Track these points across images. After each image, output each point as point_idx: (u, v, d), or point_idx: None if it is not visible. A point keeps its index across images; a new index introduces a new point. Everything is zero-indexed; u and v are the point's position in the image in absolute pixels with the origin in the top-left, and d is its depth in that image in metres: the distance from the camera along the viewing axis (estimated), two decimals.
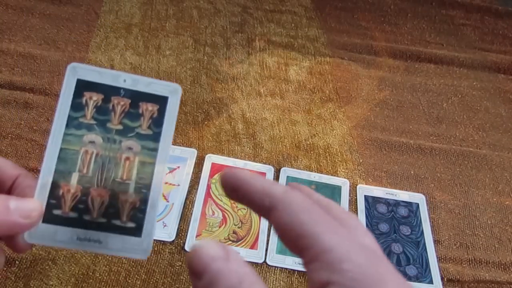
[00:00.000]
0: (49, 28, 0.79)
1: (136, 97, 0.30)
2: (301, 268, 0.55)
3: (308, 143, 0.70)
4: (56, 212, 0.28)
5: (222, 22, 0.89)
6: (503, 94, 0.85)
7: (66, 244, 0.27)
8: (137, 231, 0.28)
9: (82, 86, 0.29)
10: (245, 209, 0.60)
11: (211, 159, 0.64)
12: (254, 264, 0.55)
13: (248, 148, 0.67)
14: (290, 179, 0.64)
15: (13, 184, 0.29)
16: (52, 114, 0.66)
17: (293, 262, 0.56)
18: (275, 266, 0.55)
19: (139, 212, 0.28)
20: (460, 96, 0.83)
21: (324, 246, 0.20)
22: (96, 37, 0.79)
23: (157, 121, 0.30)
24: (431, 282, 0.57)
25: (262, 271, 0.55)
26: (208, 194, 0.60)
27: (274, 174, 0.64)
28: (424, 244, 0.60)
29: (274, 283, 0.54)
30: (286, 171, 0.64)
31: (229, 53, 0.82)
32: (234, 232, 0.57)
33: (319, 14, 0.96)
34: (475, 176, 0.70)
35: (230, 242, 0.56)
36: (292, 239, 0.21)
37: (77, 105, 0.29)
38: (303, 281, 0.55)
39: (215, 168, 0.63)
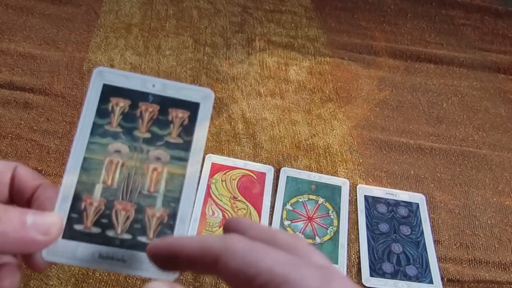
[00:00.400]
0: (49, 28, 0.79)
1: (166, 103, 0.28)
2: None
3: (308, 143, 0.70)
4: (77, 227, 0.26)
5: (222, 22, 0.89)
6: (503, 94, 0.85)
7: (87, 263, 0.25)
8: None
9: (109, 92, 0.27)
10: (245, 209, 0.60)
11: (211, 159, 0.64)
12: None
13: (248, 148, 0.67)
14: (290, 179, 0.64)
15: (33, 195, 0.27)
16: (52, 114, 0.66)
17: None
18: None
19: (167, 228, 0.26)
20: (460, 96, 0.83)
21: (279, 278, 0.19)
22: (96, 37, 0.79)
23: (188, 129, 0.28)
24: (431, 282, 0.57)
25: None
26: (208, 194, 0.60)
27: (274, 174, 0.64)
28: (424, 244, 0.60)
29: None
30: (286, 171, 0.64)
31: (229, 53, 0.82)
32: None
33: (319, 14, 0.95)
34: (475, 176, 0.70)
35: None
36: (246, 284, 0.20)
37: (102, 112, 0.27)
38: None
39: (215, 168, 0.63)
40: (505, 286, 0.58)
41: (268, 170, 0.64)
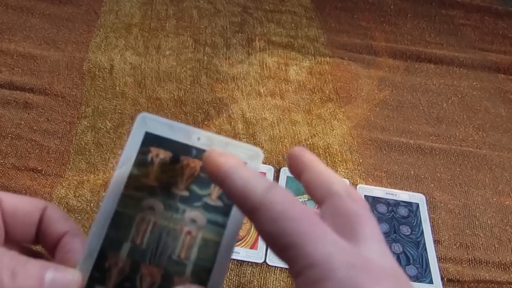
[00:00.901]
0: (49, 28, 0.79)
1: None
2: None
3: (308, 143, 0.70)
4: None
5: (222, 22, 0.89)
6: (503, 94, 0.85)
7: None
8: None
9: (150, 141, 0.25)
10: None
11: None
12: (254, 264, 0.55)
13: None
14: (290, 179, 0.64)
15: (59, 241, 0.25)
16: (52, 114, 0.66)
17: None
18: (275, 266, 0.55)
19: None
20: (460, 96, 0.83)
21: (308, 260, 0.18)
22: (96, 37, 0.79)
23: None
24: (431, 282, 0.57)
25: (262, 271, 0.55)
26: None
27: (274, 174, 0.64)
28: (424, 244, 0.60)
29: (274, 283, 0.54)
30: (286, 171, 0.64)
31: (229, 53, 0.82)
32: None
33: (319, 14, 0.95)
34: (475, 176, 0.70)
35: None
36: (276, 248, 0.20)
37: (141, 162, 0.25)
38: None
39: None
40: (505, 286, 0.58)
41: (268, 170, 0.64)
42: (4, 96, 0.66)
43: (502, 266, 0.60)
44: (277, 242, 0.19)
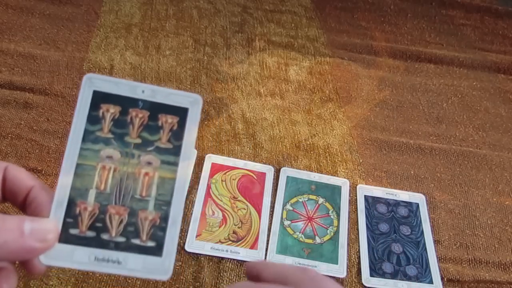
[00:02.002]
0: (49, 28, 0.79)
1: (155, 108, 0.28)
2: None
3: (308, 143, 0.70)
4: (73, 231, 0.26)
5: (222, 22, 0.89)
6: (503, 94, 0.85)
7: (84, 265, 0.26)
8: (157, 251, 0.27)
9: (99, 98, 0.28)
10: (245, 209, 0.60)
11: (211, 159, 0.64)
12: None
13: (248, 148, 0.67)
14: (290, 179, 0.64)
15: (27, 196, 0.27)
16: (52, 114, 0.66)
17: (293, 262, 0.56)
18: None
19: (159, 230, 0.27)
20: (460, 96, 0.83)
21: None
22: (96, 37, 0.79)
23: (177, 134, 0.28)
24: (431, 282, 0.57)
25: None
26: (208, 194, 0.60)
27: (274, 174, 0.64)
28: (424, 244, 0.60)
29: None
30: (286, 171, 0.64)
31: (229, 53, 0.82)
32: (234, 232, 0.57)
33: (319, 14, 0.95)
34: (475, 176, 0.70)
35: (230, 242, 0.56)
36: None
37: (93, 118, 0.28)
38: None
39: (215, 168, 0.63)
40: (505, 286, 0.58)
41: (268, 170, 0.64)
42: (4, 96, 0.66)
43: (502, 266, 0.60)
44: None
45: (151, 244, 0.27)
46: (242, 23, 0.89)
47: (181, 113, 0.29)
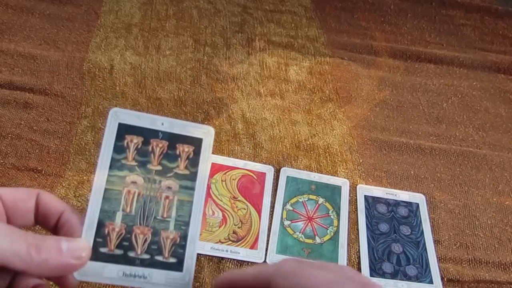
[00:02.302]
0: (49, 28, 0.79)
1: (173, 139, 0.32)
2: None
3: (308, 143, 0.70)
4: (103, 250, 0.29)
5: (222, 22, 0.89)
6: (503, 94, 0.85)
7: (113, 281, 0.29)
8: (179, 266, 0.30)
9: (124, 130, 0.31)
10: (245, 209, 0.60)
11: (211, 159, 0.64)
12: (254, 264, 0.55)
13: (248, 148, 0.67)
14: (290, 179, 0.64)
15: (59, 220, 0.30)
16: (52, 114, 0.66)
17: None
18: None
19: (179, 248, 0.30)
20: (460, 96, 0.83)
21: None
22: (96, 37, 0.79)
23: (193, 161, 0.32)
24: (431, 282, 0.57)
25: None
26: (208, 194, 0.60)
27: (274, 174, 0.64)
28: (424, 244, 0.60)
29: None
30: (286, 171, 0.64)
31: (229, 53, 0.82)
32: (234, 232, 0.57)
33: (319, 14, 0.95)
34: (475, 176, 0.70)
35: (230, 242, 0.56)
36: None
37: (119, 148, 0.31)
38: None
39: (215, 168, 0.63)
40: (505, 286, 0.58)
41: (268, 170, 0.64)
42: (4, 96, 0.66)
43: (502, 266, 0.60)
44: None
45: (172, 260, 0.30)
46: (242, 23, 0.89)
47: (196, 142, 0.32)
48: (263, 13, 0.93)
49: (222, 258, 0.55)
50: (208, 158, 0.32)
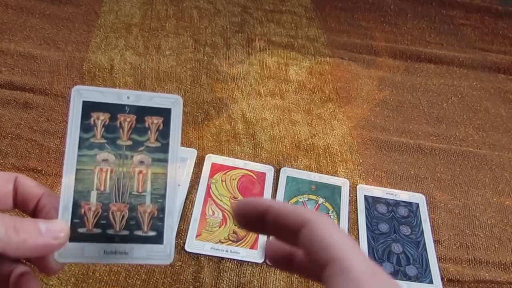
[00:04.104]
0: (49, 28, 0.79)
1: (141, 112, 0.31)
2: None
3: (308, 143, 0.70)
4: (81, 230, 0.29)
5: (222, 22, 0.89)
6: (503, 94, 0.85)
7: (94, 259, 0.29)
8: (158, 239, 0.30)
9: (89, 107, 0.30)
10: None
11: (211, 159, 0.64)
12: (254, 264, 0.55)
13: (248, 148, 0.67)
14: (290, 179, 0.64)
15: (37, 204, 0.30)
16: (52, 114, 0.66)
17: None
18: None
19: (158, 221, 0.30)
20: (460, 96, 0.83)
21: (351, 264, 0.21)
22: (96, 37, 0.79)
23: (164, 133, 0.31)
24: (431, 282, 0.57)
25: (262, 271, 0.55)
26: (208, 194, 0.60)
27: (274, 174, 0.64)
28: (424, 244, 0.60)
29: (274, 283, 0.54)
30: (286, 171, 0.64)
31: (229, 53, 0.82)
32: (234, 232, 0.57)
33: (319, 14, 0.95)
34: (475, 176, 0.70)
35: (230, 242, 0.56)
36: (320, 250, 0.22)
37: (86, 126, 0.30)
38: (303, 281, 0.55)
39: (215, 168, 0.63)
40: (505, 286, 0.58)
41: (268, 170, 0.64)
42: (4, 96, 0.66)
43: (502, 266, 0.60)
44: (322, 244, 0.22)
45: (152, 233, 0.30)
46: (242, 23, 0.89)
47: (164, 113, 0.32)
48: (263, 13, 0.93)
49: (222, 258, 0.55)
50: (178, 128, 0.32)
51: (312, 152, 0.68)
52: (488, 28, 1.00)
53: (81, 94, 0.30)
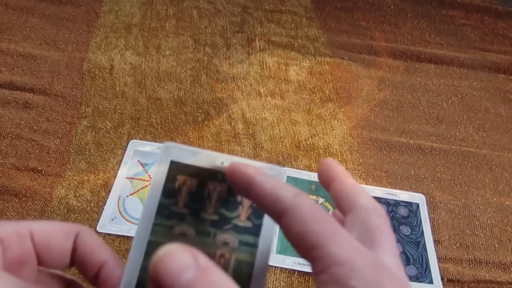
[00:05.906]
0: (49, 28, 0.79)
1: None
2: (301, 268, 0.55)
3: (308, 143, 0.70)
4: None
5: (222, 22, 0.89)
6: (503, 94, 0.85)
7: None
8: None
9: (175, 169, 0.25)
10: None
11: None
12: None
13: (248, 148, 0.67)
14: (290, 179, 0.64)
15: (100, 271, 0.25)
16: (52, 114, 0.66)
17: (293, 262, 0.56)
18: (275, 266, 0.55)
19: None
20: (460, 96, 0.83)
21: (333, 259, 0.19)
22: (96, 37, 0.79)
23: (258, 211, 0.25)
24: (431, 282, 0.57)
25: None
26: None
27: None
28: (424, 244, 0.60)
29: (274, 283, 0.54)
30: (286, 171, 0.64)
31: (229, 53, 0.82)
32: None
33: (319, 14, 0.95)
34: (475, 176, 0.70)
35: None
36: (302, 248, 0.21)
37: (168, 191, 0.25)
38: (303, 281, 0.55)
39: None
40: (505, 286, 0.58)
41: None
42: (4, 96, 0.66)
43: (502, 266, 0.60)
44: (305, 242, 0.20)
45: None
46: (242, 23, 0.89)
47: None
48: (263, 13, 0.93)
49: None
50: None
51: (312, 152, 0.68)
52: (488, 28, 1.00)
53: (170, 152, 0.25)
